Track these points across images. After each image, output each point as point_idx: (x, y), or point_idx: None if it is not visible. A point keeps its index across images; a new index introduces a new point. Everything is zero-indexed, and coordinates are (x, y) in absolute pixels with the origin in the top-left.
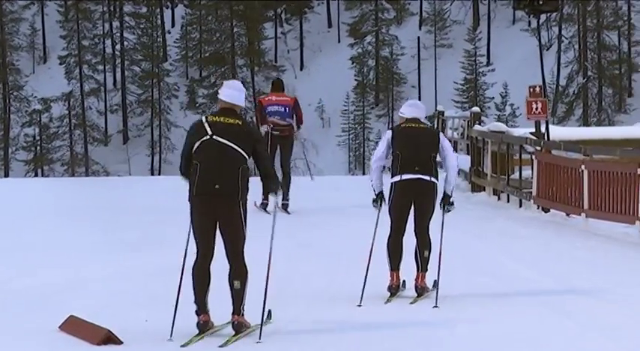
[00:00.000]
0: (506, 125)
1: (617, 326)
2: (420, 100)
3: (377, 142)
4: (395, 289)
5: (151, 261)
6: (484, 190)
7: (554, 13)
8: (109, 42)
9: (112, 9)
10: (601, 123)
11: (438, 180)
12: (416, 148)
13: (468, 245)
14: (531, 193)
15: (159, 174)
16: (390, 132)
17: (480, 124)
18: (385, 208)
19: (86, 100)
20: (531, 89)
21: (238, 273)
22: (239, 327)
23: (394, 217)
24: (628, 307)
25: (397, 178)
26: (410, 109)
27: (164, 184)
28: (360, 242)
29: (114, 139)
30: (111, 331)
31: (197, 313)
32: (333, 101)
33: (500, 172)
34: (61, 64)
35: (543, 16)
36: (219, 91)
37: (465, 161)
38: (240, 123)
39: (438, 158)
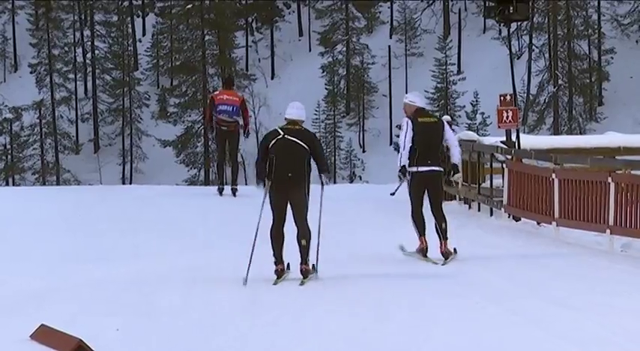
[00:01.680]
0: (477, 134)
1: (589, 334)
2: (391, 109)
3: (349, 151)
4: (426, 251)
5: (122, 270)
6: (455, 198)
7: (525, 22)
8: (79, 51)
9: (82, 17)
10: (572, 131)
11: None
12: (429, 144)
13: (438, 253)
14: (502, 201)
15: (130, 183)
16: (410, 123)
17: None
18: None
19: (57, 108)
20: (502, 98)
21: (304, 234)
22: (306, 273)
23: (416, 198)
24: (599, 315)
25: (414, 169)
26: (420, 99)
27: (135, 192)
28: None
29: (85, 148)
30: (82, 340)
31: (275, 263)
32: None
33: (471, 180)
34: (31, 72)
35: (514, 25)
36: (287, 112)
37: None
38: (302, 128)
39: None
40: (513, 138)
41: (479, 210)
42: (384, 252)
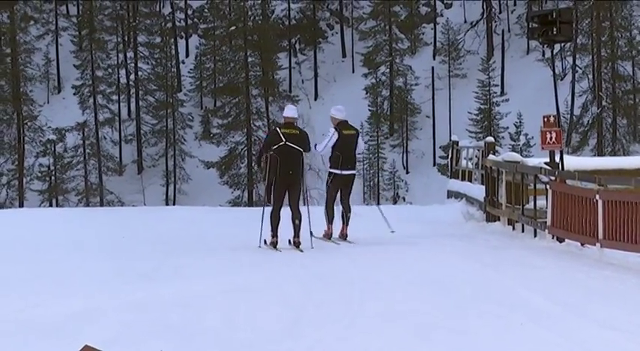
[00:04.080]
0: (521, 155)
1: None
2: (434, 130)
3: (392, 172)
4: (330, 236)
5: (165, 291)
6: (499, 219)
7: (568, 43)
8: (123, 72)
9: (125, 39)
10: (615, 153)
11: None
12: (349, 151)
13: (482, 274)
14: (546, 222)
15: (173, 204)
16: (337, 134)
17: (494, 154)
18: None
19: (100, 129)
20: (546, 119)
21: (297, 215)
22: (299, 243)
23: (334, 194)
24: None
25: (338, 172)
26: (341, 113)
27: (179, 214)
28: (374, 269)
29: (128, 169)
30: None
31: (272, 236)
32: None
33: (515, 201)
34: (75, 94)
35: (557, 46)
36: (284, 113)
37: (479, 191)
38: (298, 132)
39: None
40: (557, 159)
41: (522, 231)
42: (427, 273)
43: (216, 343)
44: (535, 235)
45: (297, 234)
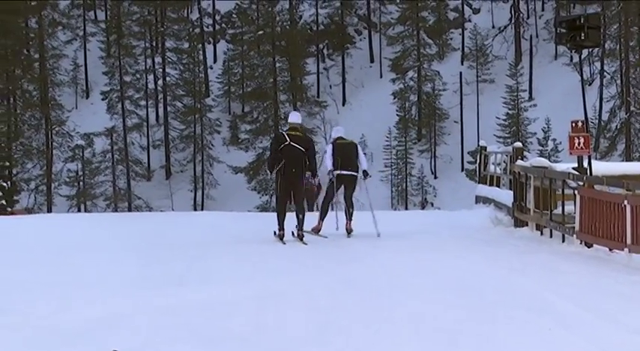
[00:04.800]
0: (549, 160)
1: None
2: (462, 135)
3: (420, 177)
4: (319, 230)
5: (193, 296)
6: (527, 225)
7: (596, 49)
8: (151, 77)
9: (153, 44)
10: None
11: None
12: (348, 156)
13: (510, 280)
14: (574, 228)
15: (201, 209)
16: (332, 146)
17: (522, 159)
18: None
19: (129, 135)
20: (574, 124)
21: (300, 211)
22: (301, 236)
23: (332, 193)
24: None
25: (338, 172)
26: (337, 132)
27: (207, 219)
28: (402, 275)
29: (156, 175)
30: None
31: (279, 229)
32: (375, 136)
33: (543, 207)
34: (103, 99)
35: (585, 52)
36: (289, 119)
37: (507, 196)
38: (301, 135)
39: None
40: (585, 164)
41: (551, 236)
42: (455, 279)
43: (243, 348)
44: (563, 241)
45: (300, 227)
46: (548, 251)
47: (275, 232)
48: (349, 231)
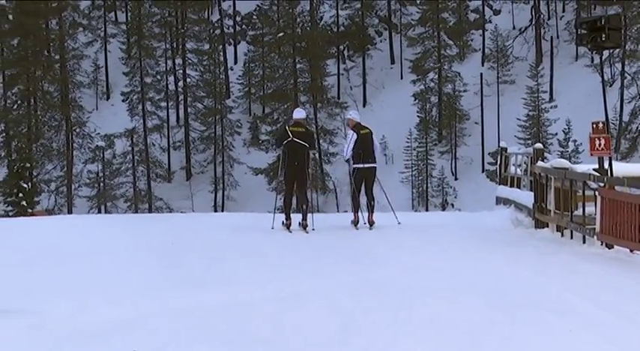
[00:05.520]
0: (569, 161)
1: None
2: (482, 136)
3: (441, 178)
4: (357, 223)
5: (212, 297)
6: (548, 226)
7: (617, 50)
8: (171, 79)
9: (174, 46)
10: None
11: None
12: (368, 147)
13: (531, 281)
14: (595, 229)
15: (222, 210)
16: (355, 134)
17: (543, 160)
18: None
19: (149, 136)
20: (594, 125)
21: (303, 201)
22: (305, 226)
23: (359, 186)
24: None
25: (361, 165)
26: (358, 116)
27: (227, 220)
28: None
29: (177, 176)
30: None
31: (285, 219)
32: (396, 138)
33: (564, 208)
34: (123, 100)
35: (606, 53)
36: (293, 115)
37: (527, 197)
38: (304, 130)
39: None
40: (606, 166)
41: (571, 238)
42: (475, 280)
43: (263, 350)
44: (584, 242)
45: (304, 217)
46: (569, 252)
47: (283, 222)
48: (371, 223)
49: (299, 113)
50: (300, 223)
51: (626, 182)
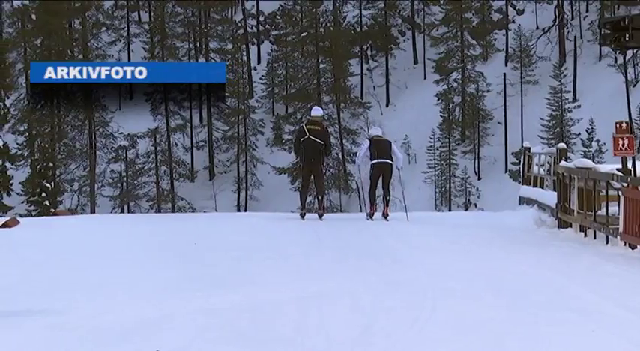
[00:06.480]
0: (593, 161)
1: None
2: (506, 136)
3: (464, 178)
4: (372, 215)
5: (236, 297)
6: (571, 226)
7: None
8: None
9: (197, 46)
10: None
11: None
12: (383, 150)
13: (554, 281)
14: (618, 229)
15: (245, 210)
16: (369, 142)
17: (566, 160)
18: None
19: (172, 136)
20: (618, 125)
21: (320, 192)
22: (321, 214)
23: (374, 181)
24: None
25: (375, 161)
26: (376, 131)
27: (250, 220)
28: (445, 277)
29: (200, 176)
30: None
31: (301, 208)
32: (419, 138)
33: (587, 208)
34: (146, 100)
35: (630, 53)
36: (311, 113)
37: (550, 197)
38: (320, 129)
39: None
40: (629, 166)
41: (594, 238)
42: (498, 280)
43: (286, 349)
44: (607, 242)
45: (320, 206)
46: (592, 253)
47: (299, 211)
48: (386, 216)
49: (316, 111)
50: (318, 213)
51: None
